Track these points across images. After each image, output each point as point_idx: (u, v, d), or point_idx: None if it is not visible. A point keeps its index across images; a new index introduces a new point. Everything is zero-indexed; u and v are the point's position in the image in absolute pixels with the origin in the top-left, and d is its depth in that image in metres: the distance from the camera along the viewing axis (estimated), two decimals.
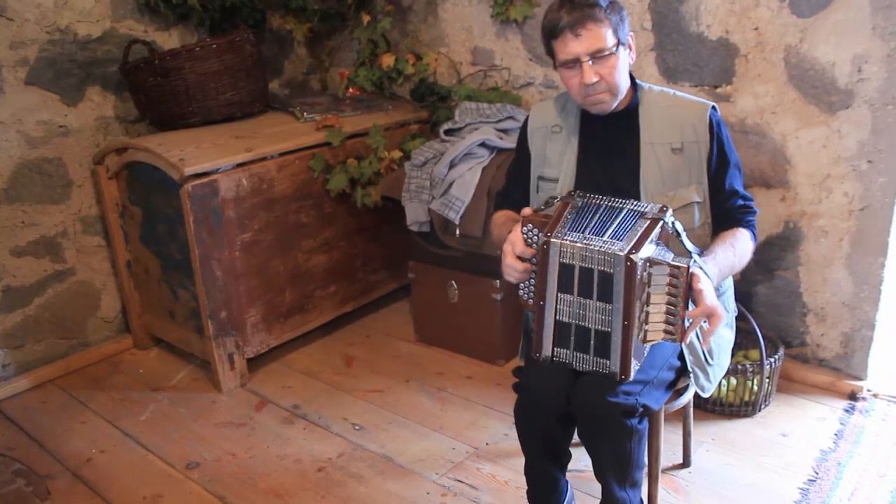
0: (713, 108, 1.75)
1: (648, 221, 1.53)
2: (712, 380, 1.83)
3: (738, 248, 1.68)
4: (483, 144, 2.68)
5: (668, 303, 1.49)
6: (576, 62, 1.65)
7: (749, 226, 1.75)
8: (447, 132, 2.86)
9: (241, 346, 2.76)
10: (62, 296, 2.92)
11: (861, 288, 2.41)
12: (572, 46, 1.64)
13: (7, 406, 2.72)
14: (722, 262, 1.63)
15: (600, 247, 1.52)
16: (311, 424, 2.52)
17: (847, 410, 2.41)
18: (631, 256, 1.45)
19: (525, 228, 1.63)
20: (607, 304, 1.54)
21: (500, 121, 2.81)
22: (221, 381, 2.73)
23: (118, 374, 2.93)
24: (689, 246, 1.58)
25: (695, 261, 1.52)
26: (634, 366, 1.56)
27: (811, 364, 2.58)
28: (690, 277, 1.47)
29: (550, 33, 1.68)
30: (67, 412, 2.66)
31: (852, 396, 2.46)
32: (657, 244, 1.52)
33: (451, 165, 2.64)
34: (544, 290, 1.60)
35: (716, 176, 1.75)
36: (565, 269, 1.57)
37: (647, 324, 1.53)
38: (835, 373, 2.53)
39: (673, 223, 1.56)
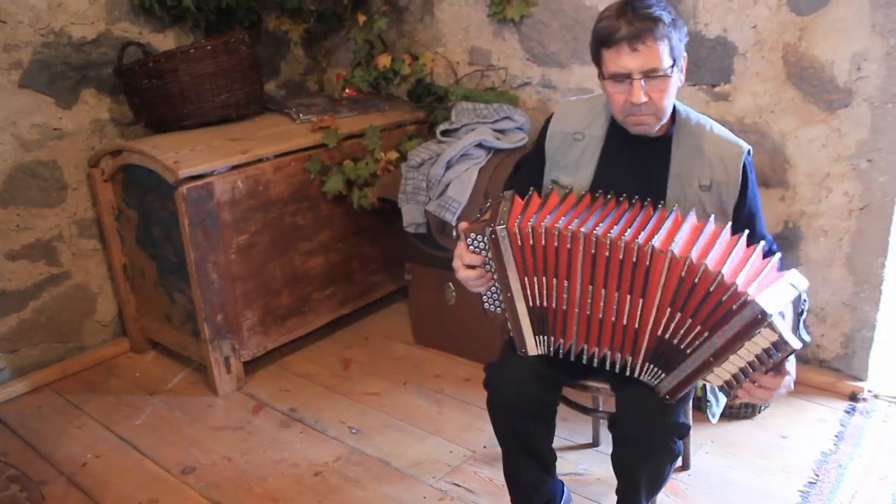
0: (748, 152, 1.68)
1: (792, 288, 1.43)
2: (721, 404, 1.82)
3: None
4: (480, 145, 2.66)
5: (751, 364, 1.41)
6: (626, 77, 1.54)
7: None
8: (444, 133, 2.84)
9: (237, 350, 2.74)
10: (58, 299, 2.90)
11: (861, 288, 2.39)
12: (626, 61, 1.52)
13: (2, 411, 2.70)
14: None
15: (692, 256, 1.42)
16: (307, 428, 2.51)
17: (848, 412, 2.39)
18: (766, 311, 1.34)
19: (469, 240, 1.61)
20: (634, 296, 1.49)
21: (496, 121, 2.79)
22: (218, 384, 2.71)
23: (114, 377, 2.91)
24: (804, 334, 1.48)
25: (802, 343, 1.44)
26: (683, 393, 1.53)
27: (811, 365, 2.56)
28: (786, 359, 1.39)
29: (604, 41, 1.55)
30: (63, 416, 2.65)
31: (853, 397, 2.44)
32: (782, 311, 1.41)
33: (448, 166, 2.62)
34: (507, 283, 1.58)
35: (746, 224, 1.67)
36: (535, 252, 1.54)
37: (717, 367, 1.45)
38: (835, 373, 2.51)
39: (804, 301, 1.46)
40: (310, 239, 2.92)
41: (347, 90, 3.34)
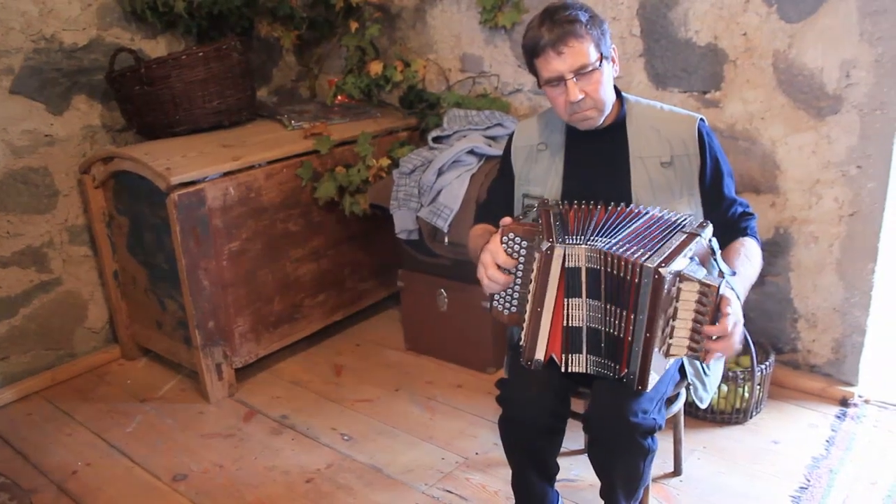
0: (701, 120, 1.74)
1: (685, 235, 1.50)
2: (709, 390, 1.82)
3: (754, 259, 1.68)
4: (471, 152, 2.66)
5: (695, 320, 1.45)
6: (560, 80, 1.64)
7: (753, 233, 1.76)
8: (435, 139, 2.84)
9: (228, 356, 2.73)
10: (48, 306, 2.89)
11: (851, 293, 2.40)
12: (555, 64, 1.63)
13: None
14: (746, 277, 1.62)
15: (617, 251, 1.48)
16: (299, 435, 2.50)
17: (839, 417, 2.40)
18: (660, 270, 1.41)
19: (506, 238, 1.60)
20: (620, 308, 1.51)
21: (488, 128, 2.80)
22: (209, 391, 2.70)
23: (105, 385, 2.90)
24: (723, 266, 1.54)
25: (727, 282, 1.48)
26: (653, 378, 1.52)
27: (802, 370, 2.57)
28: (720, 298, 1.43)
29: (532, 52, 1.67)
30: (53, 424, 2.63)
31: (844, 403, 2.45)
32: (691, 259, 1.48)
33: (440, 173, 2.62)
34: (543, 297, 1.56)
35: (712, 187, 1.74)
36: (571, 273, 1.54)
37: (671, 338, 1.49)
38: (826, 379, 2.52)
39: (710, 241, 1.52)
40: (301, 245, 2.92)
41: (339, 97, 3.35)
